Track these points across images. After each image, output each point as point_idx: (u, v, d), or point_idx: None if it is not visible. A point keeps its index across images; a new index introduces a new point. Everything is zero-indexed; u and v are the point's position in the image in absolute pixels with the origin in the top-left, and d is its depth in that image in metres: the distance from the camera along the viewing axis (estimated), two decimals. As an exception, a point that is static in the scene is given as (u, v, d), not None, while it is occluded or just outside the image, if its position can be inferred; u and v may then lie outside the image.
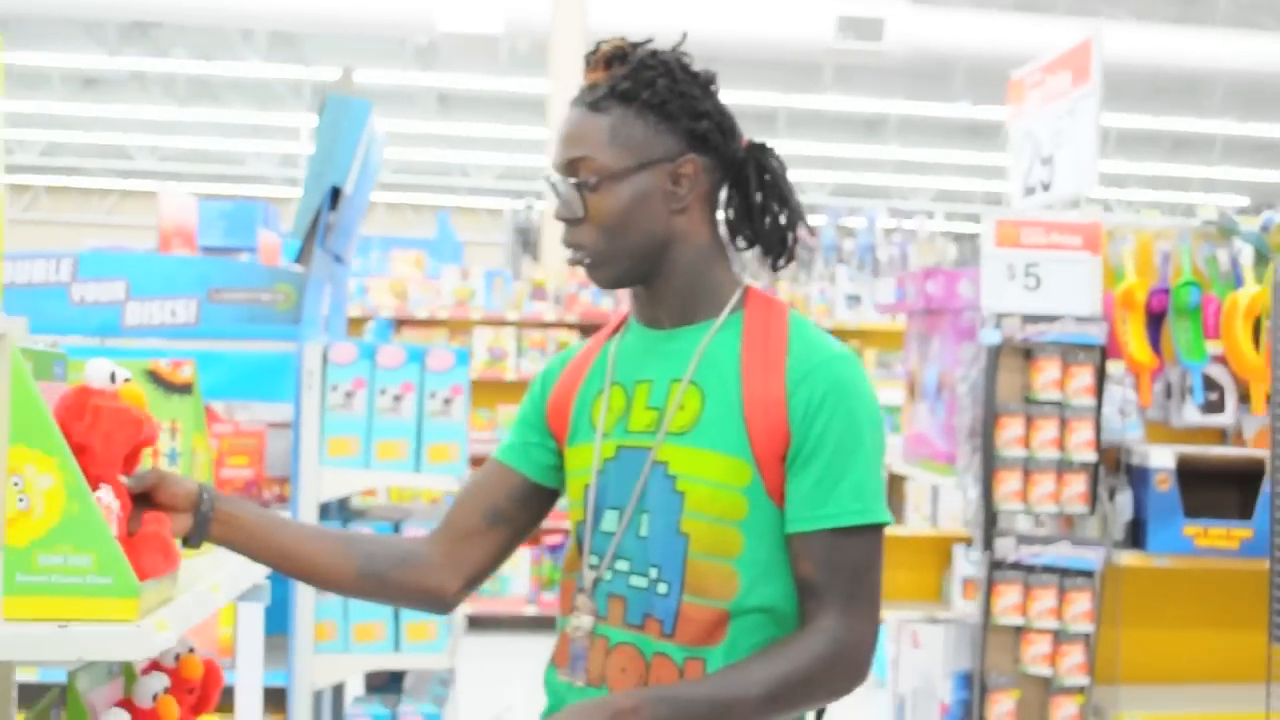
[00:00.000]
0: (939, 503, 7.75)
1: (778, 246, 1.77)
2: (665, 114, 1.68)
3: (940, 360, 4.12)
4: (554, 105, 8.70)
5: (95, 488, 1.42)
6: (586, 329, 7.91)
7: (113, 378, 1.49)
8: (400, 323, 7.71)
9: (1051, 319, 3.90)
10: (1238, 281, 4.25)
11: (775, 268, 1.78)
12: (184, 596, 1.56)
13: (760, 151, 1.77)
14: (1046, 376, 3.87)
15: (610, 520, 1.73)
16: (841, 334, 8.03)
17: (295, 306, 3.74)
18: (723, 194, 1.78)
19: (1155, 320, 4.20)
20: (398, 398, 3.67)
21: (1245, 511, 4.01)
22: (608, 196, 1.67)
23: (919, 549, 8.02)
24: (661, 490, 1.68)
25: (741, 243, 1.78)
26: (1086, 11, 12.34)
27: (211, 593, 1.66)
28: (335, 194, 3.65)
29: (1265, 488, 3.94)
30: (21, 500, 1.38)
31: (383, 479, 3.71)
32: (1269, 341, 4.16)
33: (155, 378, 1.92)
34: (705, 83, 1.72)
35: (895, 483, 7.90)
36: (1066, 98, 4.20)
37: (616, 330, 1.85)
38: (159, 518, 1.52)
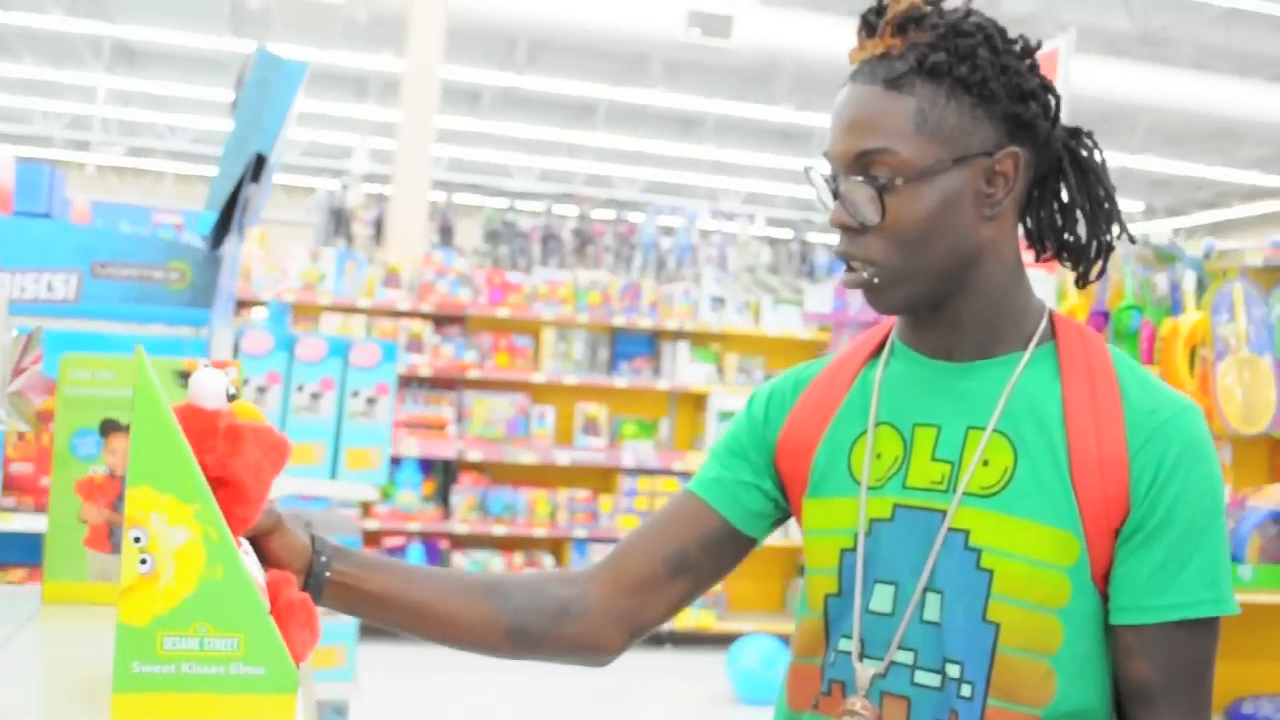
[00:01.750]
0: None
1: (1089, 256, 1.43)
2: (985, 95, 1.33)
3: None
4: (410, 84, 8.25)
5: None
6: (440, 319, 7.47)
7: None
8: (240, 304, 7.15)
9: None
10: (1175, 307, 4.18)
11: (1083, 283, 1.44)
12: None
13: (1077, 138, 1.43)
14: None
15: (883, 598, 1.38)
16: (704, 337, 7.85)
17: (190, 287, 3.31)
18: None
19: (1090, 343, 4.11)
20: (316, 395, 3.28)
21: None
22: (911, 199, 1.32)
23: (768, 560, 7.90)
24: (961, 566, 1.34)
25: (1044, 252, 1.46)
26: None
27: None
28: (259, 163, 3.23)
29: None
30: (144, 562, 1.01)
31: (294, 485, 3.30)
32: (1203, 369, 4.10)
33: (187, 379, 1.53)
34: (1026, 53, 1.38)
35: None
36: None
37: (875, 353, 1.50)
38: (288, 579, 1.15)
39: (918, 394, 1.43)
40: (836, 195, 1.37)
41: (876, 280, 1.35)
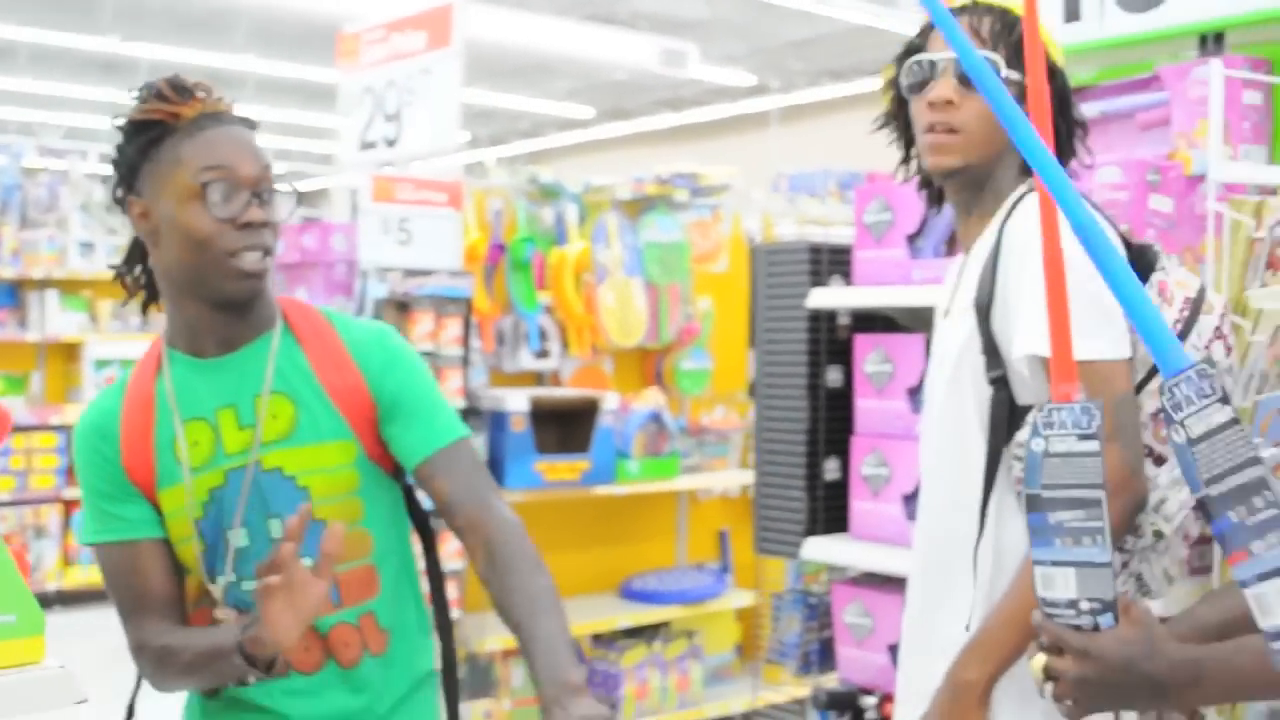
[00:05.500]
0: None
1: None
2: None
3: (311, 314, 4.12)
4: None
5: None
6: None
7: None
8: None
9: (426, 273, 4.08)
10: (561, 238, 4.70)
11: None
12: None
13: None
14: (422, 328, 4.05)
15: (242, 536, 1.86)
16: (75, 284, 7.50)
17: None
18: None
19: (491, 272, 4.53)
20: None
21: (580, 445, 4.48)
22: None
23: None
24: (286, 492, 1.84)
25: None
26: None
27: None
28: None
29: (598, 423, 4.43)
30: (-103, 533, 1.09)
31: None
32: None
33: None
34: None
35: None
36: (421, 58, 4.35)
37: (159, 366, 1.90)
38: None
39: (209, 387, 1.87)
40: (260, 201, 1.81)
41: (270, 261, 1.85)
